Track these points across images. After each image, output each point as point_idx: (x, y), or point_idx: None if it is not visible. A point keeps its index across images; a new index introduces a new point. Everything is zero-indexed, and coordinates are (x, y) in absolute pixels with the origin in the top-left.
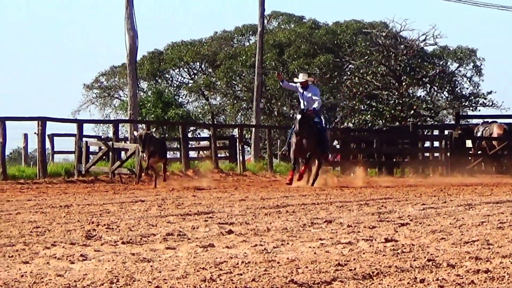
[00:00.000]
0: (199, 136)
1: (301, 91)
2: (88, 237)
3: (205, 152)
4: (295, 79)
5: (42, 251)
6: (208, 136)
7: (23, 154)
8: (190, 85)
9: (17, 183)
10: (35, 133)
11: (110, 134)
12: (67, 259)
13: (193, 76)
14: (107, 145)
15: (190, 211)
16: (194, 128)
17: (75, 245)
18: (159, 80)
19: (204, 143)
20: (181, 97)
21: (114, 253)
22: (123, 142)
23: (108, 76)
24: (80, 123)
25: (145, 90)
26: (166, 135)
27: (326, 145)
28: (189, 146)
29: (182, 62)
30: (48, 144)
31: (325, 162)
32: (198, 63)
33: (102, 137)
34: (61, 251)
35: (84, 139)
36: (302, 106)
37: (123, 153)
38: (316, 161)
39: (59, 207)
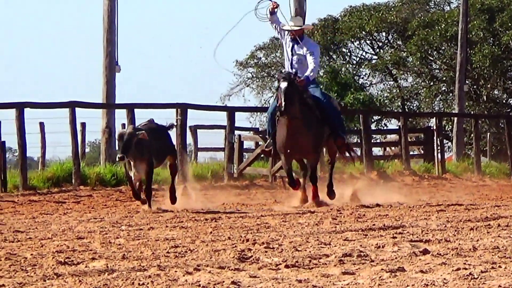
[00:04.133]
0: (385, 127)
1: (291, 44)
2: (241, 259)
3: (393, 148)
4: (284, 26)
5: (182, 278)
6: (397, 127)
7: None
8: (373, 61)
9: None
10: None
11: None
12: (214, 287)
13: (377, 50)
14: (266, 140)
15: (373, 225)
16: (379, 117)
17: (224, 270)
18: (334, 56)
19: (392, 136)
20: (362, 78)
21: (275, 280)
22: None
23: (267, 51)
24: (231, 111)
25: None
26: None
27: (341, 124)
28: (373, 140)
29: (364, 32)
30: (190, 139)
31: (341, 153)
32: (384, 34)
33: (260, 129)
34: (207, 277)
35: (237, 132)
36: (288, 68)
37: None
38: (329, 157)
39: (204, 220)
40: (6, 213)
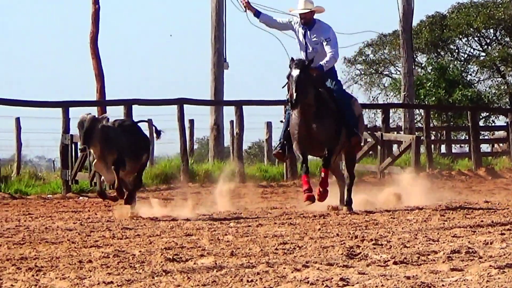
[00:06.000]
0: (493, 124)
1: (302, 31)
2: (350, 255)
3: (501, 145)
4: (292, 11)
5: (290, 274)
6: (505, 124)
7: (265, 149)
8: (481, 58)
9: (258, 185)
10: (281, 121)
11: (379, 123)
12: (322, 284)
13: (485, 47)
14: (375, 137)
15: (481, 221)
16: (487, 114)
17: (333, 266)
18: (442, 52)
19: (500, 133)
20: (470, 74)
21: (384, 276)
22: (395, 132)
23: (375, 48)
24: None
25: (423, 65)
26: (451, 122)
27: (355, 122)
28: (481, 137)
29: (472, 29)
30: None
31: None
32: (491, 30)
33: (369, 126)
34: (315, 273)
35: None
36: (302, 56)
37: (395, 146)
38: (344, 157)
39: (312, 217)
40: (114, 210)
